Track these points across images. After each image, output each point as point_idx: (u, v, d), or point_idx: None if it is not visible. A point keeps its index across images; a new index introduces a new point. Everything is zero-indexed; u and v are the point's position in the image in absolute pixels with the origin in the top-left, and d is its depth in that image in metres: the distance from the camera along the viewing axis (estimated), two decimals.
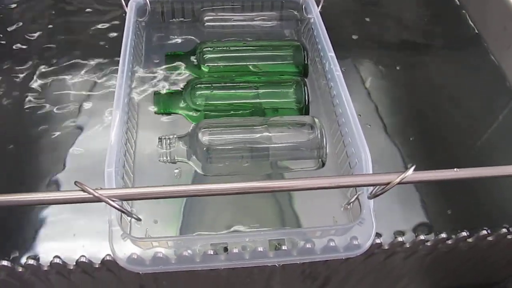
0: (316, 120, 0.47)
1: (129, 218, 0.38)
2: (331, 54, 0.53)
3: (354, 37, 0.66)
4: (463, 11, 0.70)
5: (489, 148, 0.55)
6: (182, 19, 0.63)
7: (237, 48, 0.56)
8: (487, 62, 0.65)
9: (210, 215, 0.46)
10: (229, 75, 0.54)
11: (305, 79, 0.53)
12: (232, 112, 0.51)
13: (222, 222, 0.45)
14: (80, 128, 0.53)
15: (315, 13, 0.59)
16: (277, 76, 0.55)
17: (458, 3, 0.71)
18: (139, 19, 0.59)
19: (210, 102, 0.50)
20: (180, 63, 0.56)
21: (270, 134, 0.46)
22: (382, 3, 0.73)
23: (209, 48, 0.55)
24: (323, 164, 0.47)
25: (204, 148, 0.45)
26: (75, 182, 0.29)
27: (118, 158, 0.41)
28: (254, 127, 0.47)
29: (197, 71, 0.55)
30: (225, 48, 0.56)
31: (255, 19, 0.62)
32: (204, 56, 0.55)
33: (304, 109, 0.51)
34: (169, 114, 0.52)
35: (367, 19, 0.69)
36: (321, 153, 0.46)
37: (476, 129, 0.57)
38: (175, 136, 0.46)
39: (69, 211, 0.45)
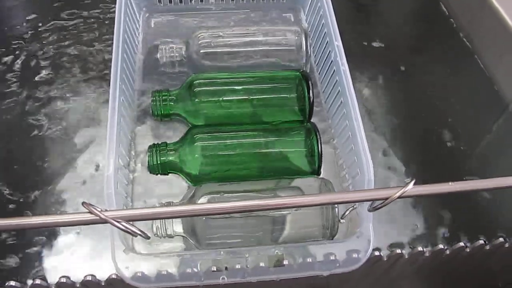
0: (326, 183, 0.48)
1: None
2: (337, 43, 0.53)
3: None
4: (455, 25, 0.74)
5: (485, 157, 0.59)
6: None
7: (232, 82, 0.55)
8: (479, 72, 0.68)
9: None
10: (227, 115, 0.53)
11: (316, 126, 0.52)
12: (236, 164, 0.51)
13: None
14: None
15: None
16: (281, 121, 0.54)
17: (451, 18, 0.75)
18: None
19: (210, 154, 0.50)
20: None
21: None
22: (375, 15, 0.76)
23: (201, 84, 0.53)
24: (332, 237, 0.47)
25: (203, 218, 0.44)
26: (83, 203, 0.32)
27: (117, 169, 0.44)
28: (261, 195, 0.48)
29: (188, 112, 0.54)
30: (218, 83, 0.54)
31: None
32: (196, 96, 0.53)
33: (316, 163, 0.50)
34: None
35: (361, 31, 0.72)
36: (330, 223, 0.46)
37: (470, 138, 0.61)
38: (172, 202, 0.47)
39: (75, 230, 0.48)
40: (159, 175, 0.51)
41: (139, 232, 0.34)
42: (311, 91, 0.52)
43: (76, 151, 0.55)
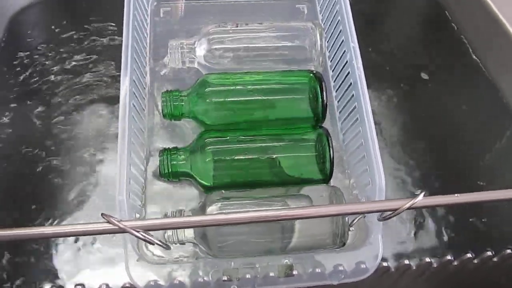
0: (336, 191, 0.50)
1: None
2: (353, 44, 0.53)
3: None
4: (462, 36, 0.76)
5: (494, 168, 0.62)
6: None
7: (244, 83, 0.56)
8: (486, 85, 0.71)
9: None
10: (238, 115, 0.55)
11: (328, 132, 0.53)
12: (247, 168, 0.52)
13: None
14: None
15: None
16: (293, 123, 0.56)
17: (456, 28, 0.77)
18: None
19: (221, 159, 0.51)
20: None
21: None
22: (382, 31, 0.78)
23: (213, 84, 0.55)
24: (343, 245, 0.48)
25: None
26: (102, 214, 0.34)
27: (129, 178, 0.45)
28: (271, 202, 0.49)
29: (199, 112, 0.55)
30: (229, 83, 0.55)
31: None
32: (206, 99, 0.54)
33: (328, 170, 0.52)
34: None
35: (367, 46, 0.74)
36: (341, 231, 0.48)
37: (479, 151, 0.64)
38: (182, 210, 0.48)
39: (91, 239, 0.51)
40: (170, 180, 0.52)
41: (158, 242, 0.36)
42: (324, 94, 0.53)
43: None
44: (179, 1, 0.69)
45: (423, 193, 0.40)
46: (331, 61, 0.62)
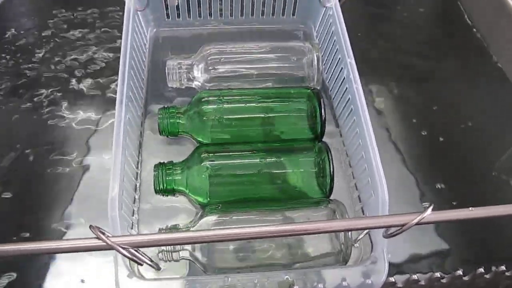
0: (339, 205, 0.48)
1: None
2: (350, 60, 0.53)
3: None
4: (474, 30, 0.74)
5: (510, 181, 0.59)
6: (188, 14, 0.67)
7: (241, 100, 0.55)
8: (499, 80, 0.69)
9: None
10: (235, 133, 0.53)
11: (328, 146, 0.52)
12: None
13: None
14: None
15: (333, 2, 0.59)
16: (293, 140, 0.54)
17: (469, 22, 0.76)
18: (139, 10, 0.62)
19: (217, 174, 0.49)
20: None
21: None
22: (392, 22, 0.77)
23: (209, 101, 0.53)
24: (346, 262, 0.46)
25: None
26: (90, 227, 0.32)
27: (122, 190, 0.44)
28: (270, 218, 0.47)
29: (196, 129, 0.54)
30: (226, 100, 0.54)
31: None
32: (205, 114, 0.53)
33: (328, 184, 0.50)
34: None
35: (377, 38, 0.73)
36: (344, 247, 0.46)
37: (494, 161, 0.60)
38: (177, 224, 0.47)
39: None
40: (165, 195, 0.51)
41: (149, 262, 0.34)
42: (323, 110, 0.53)
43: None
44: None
45: (431, 207, 0.37)
46: (328, 81, 0.62)
